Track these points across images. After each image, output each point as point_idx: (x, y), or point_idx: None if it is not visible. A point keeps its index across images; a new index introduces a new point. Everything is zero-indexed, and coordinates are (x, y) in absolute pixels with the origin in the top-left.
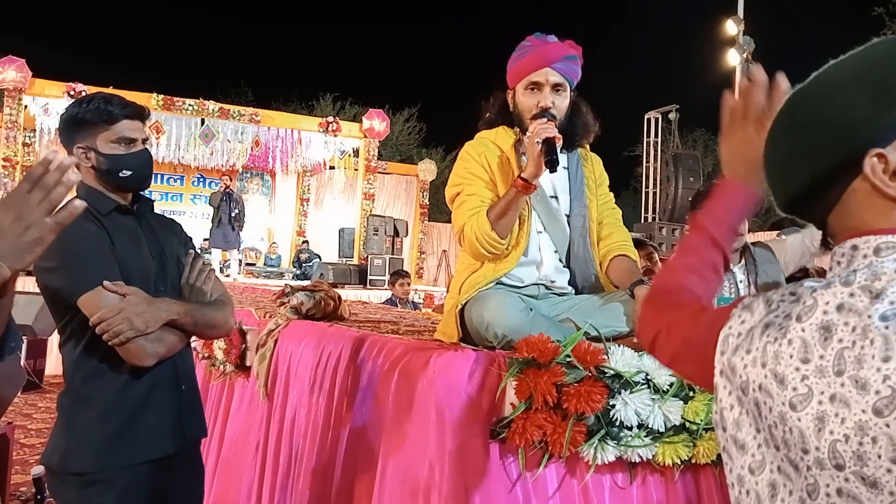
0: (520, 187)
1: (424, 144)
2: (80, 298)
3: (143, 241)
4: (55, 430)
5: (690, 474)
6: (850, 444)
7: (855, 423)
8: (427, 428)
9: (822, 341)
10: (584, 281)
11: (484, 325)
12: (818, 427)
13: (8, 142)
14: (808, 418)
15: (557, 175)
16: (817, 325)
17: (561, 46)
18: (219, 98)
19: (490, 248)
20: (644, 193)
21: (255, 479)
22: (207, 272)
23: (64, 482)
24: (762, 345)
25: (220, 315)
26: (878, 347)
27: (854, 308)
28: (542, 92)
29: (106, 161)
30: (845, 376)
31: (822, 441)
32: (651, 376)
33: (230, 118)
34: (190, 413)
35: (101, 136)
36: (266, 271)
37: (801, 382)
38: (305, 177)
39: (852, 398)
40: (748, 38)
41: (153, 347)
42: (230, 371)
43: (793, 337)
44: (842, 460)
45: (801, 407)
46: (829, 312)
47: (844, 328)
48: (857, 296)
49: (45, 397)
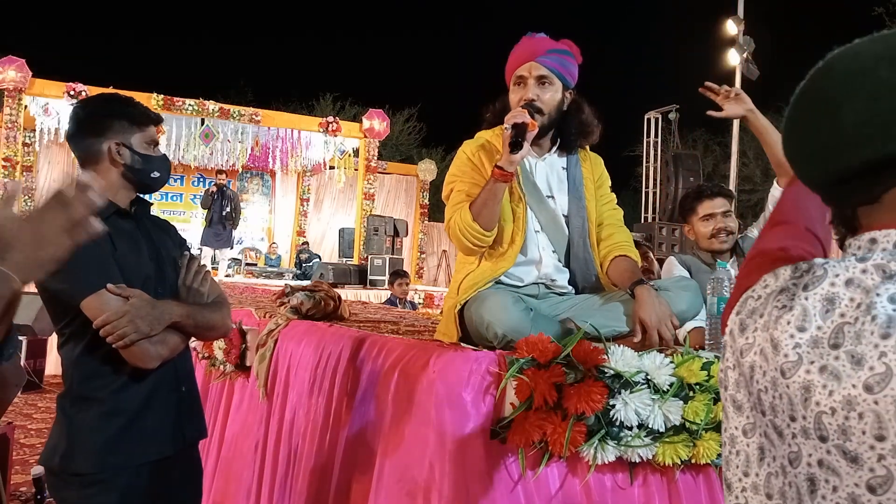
0: (496, 175)
1: (424, 144)
2: (84, 301)
3: (142, 244)
4: (55, 431)
5: (691, 474)
6: (836, 417)
7: (843, 398)
8: (427, 428)
9: (823, 312)
10: (585, 281)
11: (484, 325)
12: (804, 396)
13: (8, 142)
14: (795, 386)
15: (554, 175)
16: (822, 296)
17: (546, 41)
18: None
19: (474, 240)
20: (644, 193)
21: (254, 479)
22: (203, 273)
23: (64, 482)
24: (771, 309)
25: (219, 316)
26: (879, 324)
27: (863, 284)
28: (526, 85)
29: (141, 160)
30: (841, 350)
31: (808, 411)
32: (651, 376)
33: (230, 118)
34: (190, 415)
35: (137, 135)
36: (266, 271)
37: (793, 350)
38: (305, 177)
39: (844, 372)
40: (748, 38)
41: (156, 350)
42: (230, 371)
43: (796, 304)
44: (826, 432)
45: (790, 374)
46: (836, 285)
47: (849, 303)
48: (868, 272)
49: (45, 397)
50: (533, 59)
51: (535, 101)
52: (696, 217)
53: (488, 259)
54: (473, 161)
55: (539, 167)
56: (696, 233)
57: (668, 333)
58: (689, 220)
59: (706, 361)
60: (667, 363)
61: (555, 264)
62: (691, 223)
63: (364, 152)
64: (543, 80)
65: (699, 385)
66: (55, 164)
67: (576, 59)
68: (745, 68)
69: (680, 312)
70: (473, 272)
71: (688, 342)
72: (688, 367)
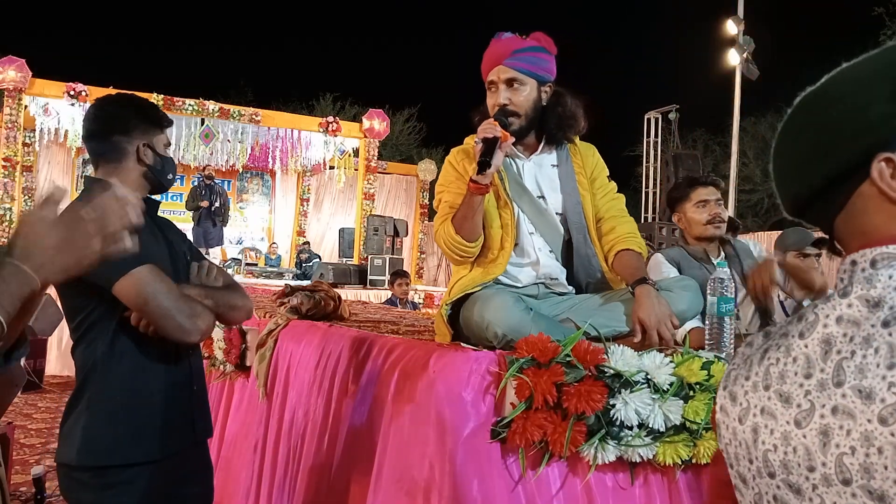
0: (472, 189)
1: (424, 144)
2: (116, 284)
3: (160, 238)
4: (70, 427)
5: (692, 474)
6: (857, 455)
7: (861, 434)
8: (427, 428)
9: (823, 354)
10: (589, 277)
11: (484, 325)
12: (823, 442)
13: (8, 142)
14: (812, 434)
15: (544, 174)
16: (819, 340)
17: (513, 41)
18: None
19: (459, 252)
20: (644, 193)
21: (253, 479)
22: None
23: (80, 483)
24: (763, 369)
25: (238, 296)
26: (882, 355)
27: (852, 318)
28: (497, 90)
29: (162, 162)
30: (846, 387)
31: (829, 455)
32: (651, 376)
33: (230, 118)
34: (201, 411)
35: (157, 138)
36: (266, 271)
37: (805, 398)
38: (305, 177)
39: (857, 408)
40: (748, 37)
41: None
42: (230, 371)
43: (797, 354)
44: (849, 474)
45: (805, 423)
46: (828, 325)
47: (843, 339)
48: (854, 306)
49: (45, 397)
50: (500, 63)
51: (507, 106)
52: (689, 204)
53: (479, 266)
54: (458, 170)
55: (527, 168)
56: (689, 220)
57: (668, 334)
58: (681, 208)
59: (706, 361)
60: (667, 363)
61: (553, 264)
62: (682, 212)
63: (364, 152)
64: (513, 82)
65: (699, 384)
66: (55, 164)
67: (549, 51)
68: (745, 68)
69: (680, 312)
70: (464, 277)
71: (688, 342)
72: (688, 366)
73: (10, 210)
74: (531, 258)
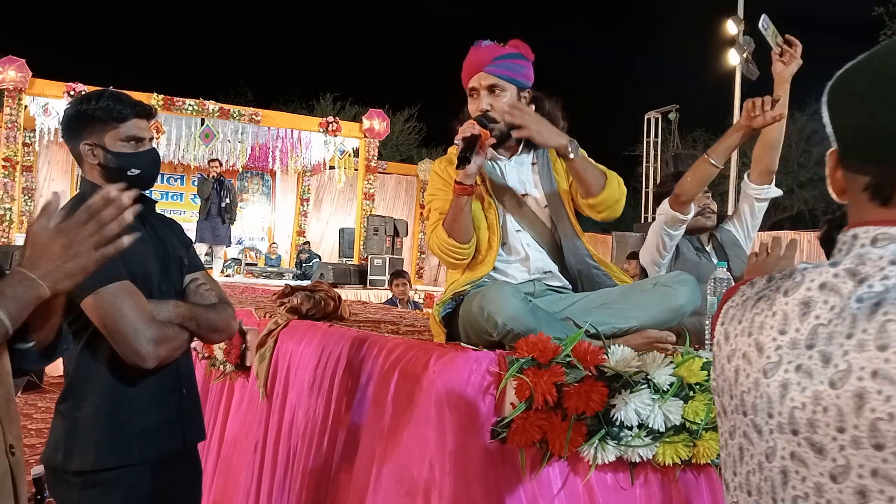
0: (457, 190)
1: (424, 144)
2: (84, 301)
3: (147, 243)
4: (56, 430)
5: (692, 474)
6: (806, 411)
7: (813, 393)
8: (427, 428)
9: (801, 315)
10: (579, 264)
11: (484, 316)
12: (782, 394)
13: (8, 142)
14: (775, 384)
15: (526, 172)
16: (799, 300)
17: (492, 48)
18: (219, 98)
19: (454, 255)
20: (644, 193)
21: (253, 479)
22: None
23: (65, 483)
24: (752, 315)
25: (223, 318)
26: (846, 325)
27: (836, 288)
28: (479, 96)
29: (115, 159)
30: (814, 350)
31: (784, 406)
32: (651, 376)
33: (230, 118)
34: (191, 417)
35: (110, 133)
36: (266, 271)
37: (775, 352)
38: (305, 177)
39: (816, 370)
40: (748, 37)
41: (155, 350)
42: (230, 371)
43: (777, 309)
44: (797, 426)
45: (771, 374)
46: (811, 289)
47: (823, 306)
48: (840, 277)
49: (45, 397)
50: (481, 70)
51: (488, 112)
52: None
53: (469, 268)
54: (443, 178)
55: (509, 168)
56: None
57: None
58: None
59: (706, 361)
60: (667, 363)
61: (543, 258)
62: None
63: (364, 152)
64: (494, 88)
65: (699, 385)
66: (55, 164)
67: (527, 58)
68: (745, 68)
69: (678, 307)
70: (457, 280)
71: (687, 342)
72: (688, 366)
73: (10, 210)
74: (520, 255)
